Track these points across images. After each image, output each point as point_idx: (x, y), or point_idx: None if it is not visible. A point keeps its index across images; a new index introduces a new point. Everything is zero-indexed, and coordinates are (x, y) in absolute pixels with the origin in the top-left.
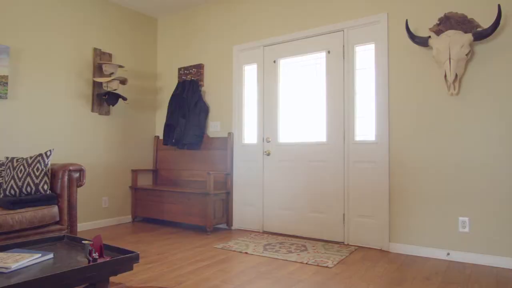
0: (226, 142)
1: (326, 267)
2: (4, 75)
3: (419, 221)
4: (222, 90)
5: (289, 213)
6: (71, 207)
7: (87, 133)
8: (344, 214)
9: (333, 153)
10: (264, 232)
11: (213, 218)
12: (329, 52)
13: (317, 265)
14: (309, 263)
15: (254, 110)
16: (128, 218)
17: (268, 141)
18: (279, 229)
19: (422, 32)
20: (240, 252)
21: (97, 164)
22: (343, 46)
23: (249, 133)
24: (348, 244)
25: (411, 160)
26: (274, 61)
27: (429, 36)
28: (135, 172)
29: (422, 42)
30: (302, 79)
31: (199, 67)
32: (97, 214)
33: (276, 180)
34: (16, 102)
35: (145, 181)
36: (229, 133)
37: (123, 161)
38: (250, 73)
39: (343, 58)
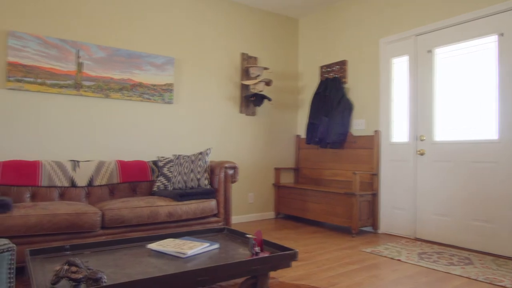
0: (372, 141)
1: (504, 286)
2: (170, 83)
3: None
4: (367, 86)
5: (446, 219)
6: (227, 201)
7: (235, 133)
8: None
9: (507, 152)
10: (416, 239)
11: (358, 220)
12: (502, 34)
13: (490, 283)
14: (478, 279)
15: (404, 106)
16: (271, 214)
17: (422, 140)
18: (434, 236)
19: None
20: (392, 258)
21: (244, 161)
22: None
23: (398, 131)
24: None
25: None
26: (429, 51)
27: None
28: (278, 170)
29: None
30: (464, 68)
31: (342, 63)
32: (244, 209)
33: (431, 183)
34: (179, 106)
35: (287, 179)
36: (376, 131)
37: (266, 160)
38: (399, 66)
39: None
